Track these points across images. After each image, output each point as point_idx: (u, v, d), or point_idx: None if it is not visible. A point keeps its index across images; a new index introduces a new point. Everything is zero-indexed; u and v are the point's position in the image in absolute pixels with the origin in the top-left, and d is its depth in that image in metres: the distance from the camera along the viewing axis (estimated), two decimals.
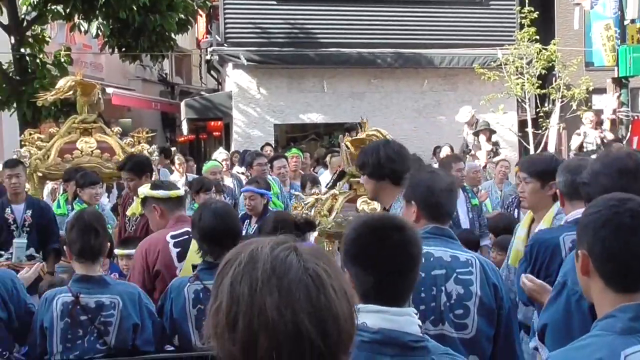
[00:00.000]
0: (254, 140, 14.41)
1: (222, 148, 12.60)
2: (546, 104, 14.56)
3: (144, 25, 13.10)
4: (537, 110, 14.27)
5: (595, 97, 15.15)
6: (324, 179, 9.23)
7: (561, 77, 14.15)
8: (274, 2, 15.25)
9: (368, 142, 4.80)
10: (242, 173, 10.29)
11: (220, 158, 9.90)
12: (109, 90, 15.68)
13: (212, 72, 19.89)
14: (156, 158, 8.25)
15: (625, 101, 13.37)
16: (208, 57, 16.77)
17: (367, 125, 5.56)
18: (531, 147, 13.57)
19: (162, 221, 4.59)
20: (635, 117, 13.83)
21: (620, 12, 13.23)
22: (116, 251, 5.58)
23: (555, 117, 14.30)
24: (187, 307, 3.75)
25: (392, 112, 15.58)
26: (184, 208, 4.76)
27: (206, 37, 18.93)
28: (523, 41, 13.78)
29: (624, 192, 2.22)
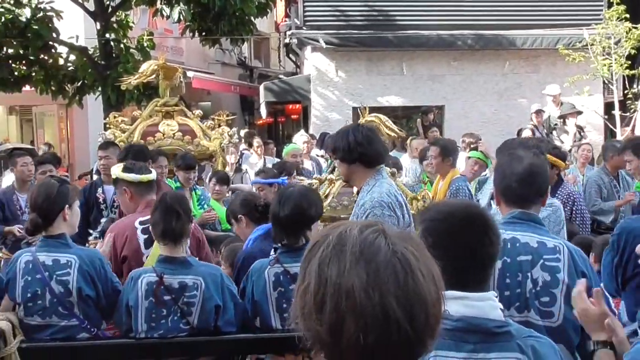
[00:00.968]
0: (332, 123, 14.38)
1: (303, 130, 12.63)
2: (635, 86, 14.00)
3: (224, 9, 13.29)
4: (625, 92, 13.74)
5: None
6: (404, 162, 9.16)
7: None
8: None
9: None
10: (322, 156, 10.30)
11: (300, 141, 9.93)
12: (190, 74, 15.97)
13: (291, 56, 19.95)
14: (236, 140, 8.35)
15: None
16: (287, 41, 16.82)
17: (366, 112, 5.59)
18: (618, 131, 13.08)
19: (132, 204, 4.61)
20: None
21: None
22: None
23: None
24: (268, 290, 3.77)
25: (472, 95, 15.35)
26: (154, 192, 4.64)
27: (285, 21, 19.02)
28: (611, 20, 13.24)
29: None
